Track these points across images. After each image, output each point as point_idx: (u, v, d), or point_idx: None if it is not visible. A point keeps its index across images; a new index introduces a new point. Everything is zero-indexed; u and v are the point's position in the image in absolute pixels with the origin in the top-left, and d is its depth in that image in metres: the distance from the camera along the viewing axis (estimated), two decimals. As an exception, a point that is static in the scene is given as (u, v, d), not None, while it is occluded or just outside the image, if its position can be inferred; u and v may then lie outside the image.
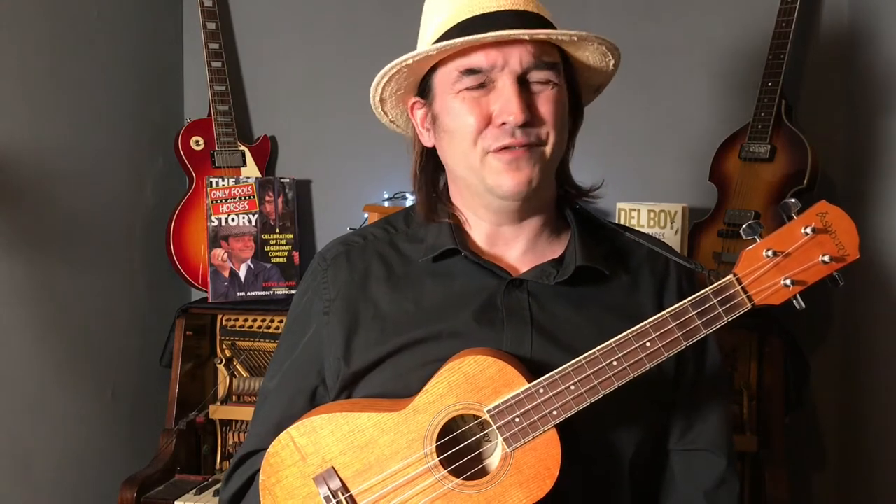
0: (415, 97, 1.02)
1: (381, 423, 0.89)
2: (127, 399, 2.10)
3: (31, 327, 1.78)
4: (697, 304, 0.85)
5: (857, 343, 1.94)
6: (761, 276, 0.84)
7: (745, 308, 0.85)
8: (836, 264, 0.83)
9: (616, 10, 2.12)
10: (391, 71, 0.98)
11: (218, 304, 2.04)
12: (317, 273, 1.06)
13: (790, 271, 0.83)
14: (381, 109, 1.07)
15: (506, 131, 0.91)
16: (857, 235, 0.83)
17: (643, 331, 0.85)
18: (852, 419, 1.96)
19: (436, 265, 1.00)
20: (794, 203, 0.84)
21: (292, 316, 1.09)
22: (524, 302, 0.97)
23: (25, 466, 1.76)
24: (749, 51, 2.00)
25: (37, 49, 1.79)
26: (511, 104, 0.90)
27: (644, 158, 2.12)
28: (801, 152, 1.87)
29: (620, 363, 0.85)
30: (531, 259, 1.01)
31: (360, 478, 0.89)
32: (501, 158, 0.93)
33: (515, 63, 0.92)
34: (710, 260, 1.97)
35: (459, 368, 0.87)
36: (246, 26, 2.33)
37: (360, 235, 1.08)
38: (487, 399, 0.87)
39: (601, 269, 0.98)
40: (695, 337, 0.85)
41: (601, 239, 1.04)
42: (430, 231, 1.03)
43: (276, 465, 0.91)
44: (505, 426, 0.85)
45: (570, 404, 0.85)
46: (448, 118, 0.96)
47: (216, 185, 2.05)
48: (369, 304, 1.00)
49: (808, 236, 0.83)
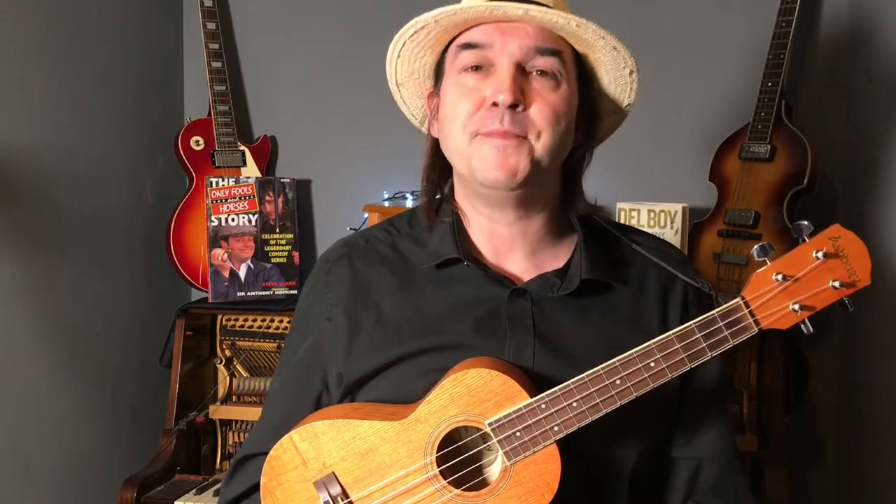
0: (431, 86, 1.02)
1: (383, 432, 0.89)
2: (127, 399, 2.10)
3: (31, 327, 1.78)
4: (704, 325, 0.84)
5: (857, 343, 1.94)
6: (769, 300, 0.82)
7: (752, 332, 0.83)
8: (847, 290, 0.82)
9: (616, 10, 2.12)
10: (398, 45, 0.97)
11: (218, 304, 2.04)
12: (319, 276, 1.05)
13: (799, 296, 0.82)
14: (400, 97, 1.06)
15: (495, 115, 0.89)
16: (869, 261, 0.82)
17: (648, 351, 0.84)
18: (852, 419, 1.97)
19: (439, 272, 0.98)
20: (807, 226, 0.82)
21: (296, 319, 1.08)
22: (527, 311, 0.95)
23: (25, 466, 1.76)
24: (749, 51, 2.00)
25: (37, 49, 1.79)
26: (503, 83, 0.88)
27: (644, 158, 2.12)
28: (801, 152, 1.87)
29: (624, 382, 0.84)
30: (534, 266, 0.99)
31: (360, 484, 0.89)
32: (488, 142, 0.90)
33: (515, 46, 0.90)
34: (710, 260, 1.98)
35: (462, 380, 0.87)
36: (246, 26, 2.33)
37: (362, 237, 1.07)
38: (489, 412, 0.86)
39: (607, 282, 0.97)
40: (700, 359, 0.84)
41: (606, 247, 1.02)
42: (433, 235, 1.01)
43: (278, 469, 0.91)
44: (506, 440, 0.85)
45: (572, 421, 0.84)
46: (445, 104, 0.95)
47: (216, 185, 2.05)
48: (371, 310, 0.99)
49: (819, 261, 0.81)
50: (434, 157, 1.02)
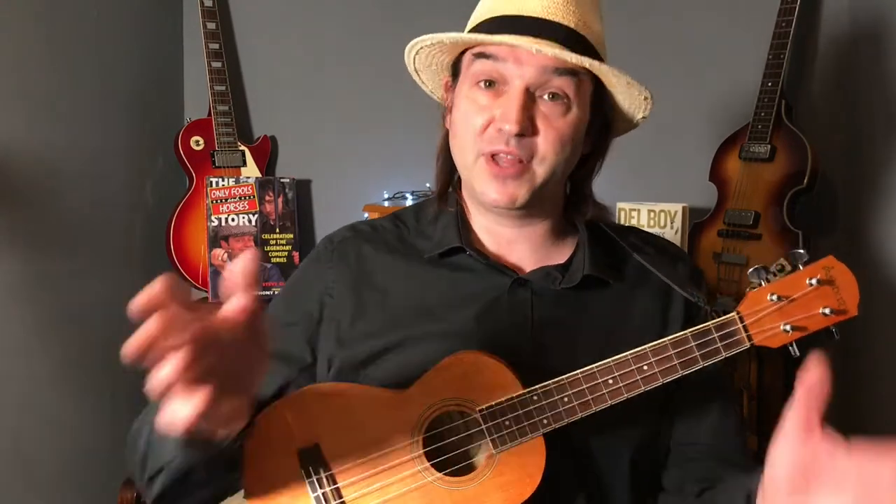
0: (448, 76, 1.03)
1: (373, 408, 0.89)
2: (127, 399, 2.10)
3: (30, 327, 1.78)
4: (698, 335, 0.86)
5: (857, 343, 1.94)
6: (763, 317, 0.86)
7: (744, 346, 0.87)
8: (835, 317, 0.87)
9: (615, 9, 2.12)
10: (415, 48, 0.98)
11: (218, 305, 2.03)
12: (321, 255, 1.05)
13: (791, 317, 0.86)
14: (419, 79, 1.07)
15: (501, 137, 0.91)
16: (857, 293, 0.87)
17: (642, 354, 0.86)
18: (852, 419, 1.96)
19: (442, 261, 1.00)
20: (802, 254, 0.87)
21: (288, 288, 1.07)
22: (527, 302, 0.97)
23: (25, 466, 1.76)
24: (749, 51, 2.00)
25: (37, 49, 1.79)
26: (511, 112, 0.90)
27: (644, 158, 2.11)
28: (801, 152, 1.87)
29: (616, 382, 0.86)
30: (536, 260, 1.01)
31: (344, 458, 0.89)
32: (489, 169, 0.92)
33: (530, 70, 0.91)
34: (710, 260, 1.98)
35: (458, 366, 0.88)
36: (246, 26, 2.33)
37: (368, 225, 1.08)
38: (481, 399, 0.87)
39: (607, 280, 0.98)
40: (692, 367, 0.86)
41: (608, 249, 1.03)
42: (437, 226, 1.03)
43: (263, 437, 0.91)
44: (494, 427, 0.86)
45: (562, 415, 0.86)
46: (458, 112, 0.97)
47: (216, 185, 2.05)
48: (376, 292, 1.00)
49: (812, 287, 0.86)
50: (448, 147, 1.03)
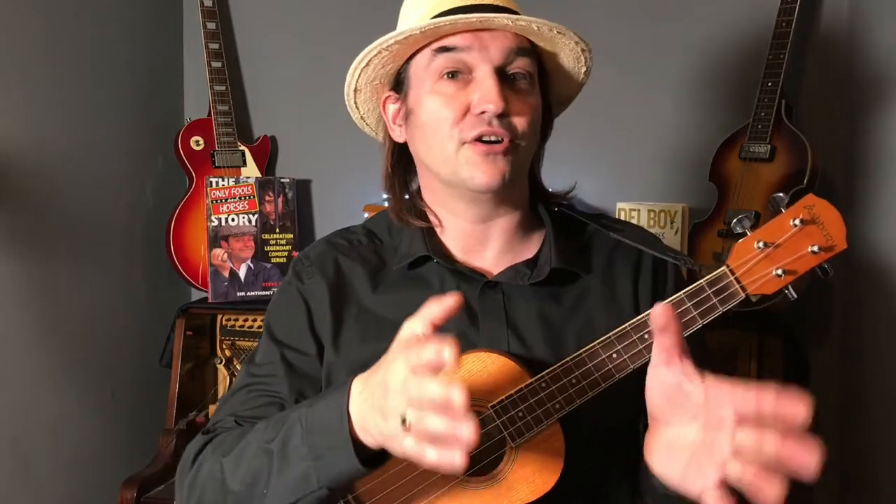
0: (389, 90, 1.03)
1: None
2: (127, 399, 2.10)
3: (30, 327, 1.78)
4: (692, 295, 0.86)
5: (857, 343, 1.94)
6: (753, 266, 0.86)
7: (740, 297, 0.86)
8: (825, 254, 0.85)
9: (615, 10, 2.13)
10: (370, 54, 0.97)
11: (218, 304, 2.04)
12: (301, 273, 1.06)
13: (781, 261, 0.85)
14: (353, 101, 1.07)
15: (482, 120, 0.92)
16: (843, 226, 0.85)
17: (641, 322, 0.87)
18: (852, 419, 1.96)
19: (411, 272, 1.01)
20: (782, 198, 0.86)
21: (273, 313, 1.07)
22: (499, 303, 0.98)
23: (25, 466, 1.76)
24: (749, 51, 2.00)
25: (37, 49, 1.79)
26: (490, 93, 0.91)
27: (644, 158, 2.12)
28: (801, 152, 1.87)
29: (620, 355, 0.86)
30: (505, 261, 1.02)
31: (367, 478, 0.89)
32: (477, 150, 0.93)
33: (496, 53, 0.93)
34: (710, 260, 1.97)
35: (462, 366, 0.88)
36: (246, 26, 2.33)
37: (344, 238, 1.09)
38: (490, 395, 0.87)
39: (576, 272, 1.00)
40: (692, 327, 0.86)
41: (575, 234, 1.05)
42: (403, 238, 1.04)
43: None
44: (509, 420, 0.86)
45: (572, 397, 0.86)
46: (422, 111, 0.96)
47: (216, 185, 2.05)
48: (352, 305, 1.01)
49: (796, 227, 0.85)
50: (397, 160, 1.06)
